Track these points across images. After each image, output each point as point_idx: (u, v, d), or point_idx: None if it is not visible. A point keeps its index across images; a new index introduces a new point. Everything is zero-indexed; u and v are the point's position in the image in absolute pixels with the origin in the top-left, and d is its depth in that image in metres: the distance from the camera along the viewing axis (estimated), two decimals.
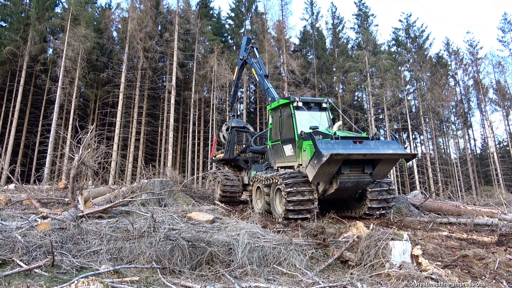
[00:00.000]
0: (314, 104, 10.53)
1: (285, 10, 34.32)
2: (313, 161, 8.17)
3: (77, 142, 9.06)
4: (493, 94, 40.38)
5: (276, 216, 9.14)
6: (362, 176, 8.54)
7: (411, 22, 38.84)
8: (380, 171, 8.59)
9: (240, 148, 14.13)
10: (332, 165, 7.97)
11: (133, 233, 5.70)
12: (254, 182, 10.74)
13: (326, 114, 10.67)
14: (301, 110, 10.05)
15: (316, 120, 10.03)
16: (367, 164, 8.40)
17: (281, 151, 10.31)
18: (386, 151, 8.16)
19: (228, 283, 4.26)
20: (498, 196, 16.16)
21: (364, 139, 8.53)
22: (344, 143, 8.11)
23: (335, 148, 7.78)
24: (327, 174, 8.24)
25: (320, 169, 7.92)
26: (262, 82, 12.78)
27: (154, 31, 31.90)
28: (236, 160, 13.71)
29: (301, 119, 9.89)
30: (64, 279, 4.28)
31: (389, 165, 8.72)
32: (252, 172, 11.81)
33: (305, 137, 9.07)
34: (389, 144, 8.50)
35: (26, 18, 29.98)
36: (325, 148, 7.80)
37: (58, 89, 26.63)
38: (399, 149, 8.43)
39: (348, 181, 8.44)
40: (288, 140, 9.98)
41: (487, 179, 39.54)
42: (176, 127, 33.59)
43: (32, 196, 9.72)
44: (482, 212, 10.03)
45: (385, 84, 31.83)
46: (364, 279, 4.48)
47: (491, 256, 5.25)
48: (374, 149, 8.13)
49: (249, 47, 14.67)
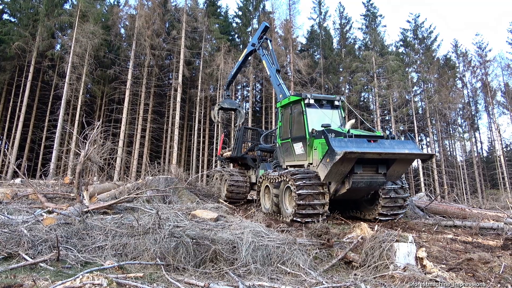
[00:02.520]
0: (326, 101, 10.14)
1: (292, 10, 34.30)
2: (325, 159, 7.88)
3: (83, 138, 9.11)
4: (501, 97, 40.11)
5: (285, 216, 8.83)
6: (375, 177, 8.23)
7: (419, 23, 38.65)
8: (394, 171, 8.29)
9: (248, 146, 13.80)
10: (345, 164, 7.68)
11: (138, 229, 5.73)
12: (263, 180, 10.44)
13: (338, 112, 10.34)
14: (313, 107, 9.73)
15: (328, 118, 9.67)
16: (381, 164, 8.11)
17: (291, 150, 10.04)
18: (401, 150, 7.87)
19: (231, 281, 4.26)
20: (504, 200, 16.03)
21: (379, 138, 8.23)
22: (358, 141, 7.83)
23: (348, 147, 7.50)
24: (340, 173, 7.96)
25: (332, 168, 7.65)
26: (274, 77, 12.50)
27: (162, 28, 31.98)
28: (244, 159, 13.35)
29: (313, 117, 9.56)
30: (69, 274, 4.31)
31: (405, 165, 8.41)
32: (261, 171, 11.52)
33: (317, 135, 8.77)
34: (405, 144, 8.20)
35: (35, 14, 30.18)
36: (338, 146, 7.54)
37: (65, 85, 26.79)
38: (415, 149, 8.13)
39: (361, 181, 8.14)
40: (299, 138, 9.68)
41: (493, 182, 39.24)
42: (182, 125, 33.68)
43: (38, 191, 9.81)
44: (488, 216, 9.96)
45: (392, 85, 31.67)
46: (368, 280, 4.46)
47: (496, 260, 5.21)
48: (389, 148, 7.85)
49: (264, 37, 14.11)
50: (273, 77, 12.73)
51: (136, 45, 29.64)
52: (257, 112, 38.43)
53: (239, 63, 15.51)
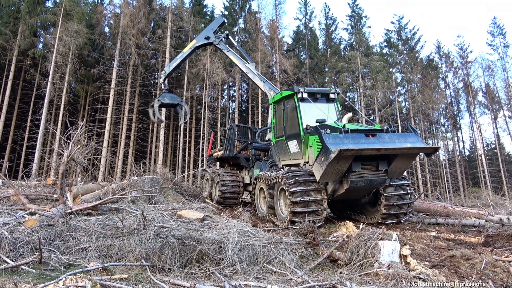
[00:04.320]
0: (321, 95, 9.51)
1: (278, 10, 34.45)
2: (320, 158, 7.28)
3: (66, 138, 8.96)
4: (482, 97, 41.05)
5: (281, 220, 8.25)
6: (376, 174, 7.60)
7: (403, 24, 39.22)
8: (396, 167, 7.65)
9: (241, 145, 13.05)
10: (342, 163, 7.08)
11: (123, 230, 5.67)
12: (257, 182, 9.85)
13: (334, 105, 9.69)
14: (307, 102, 9.14)
15: (324, 112, 9.11)
16: (381, 160, 7.48)
17: (286, 148, 9.46)
18: (403, 144, 7.21)
19: (218, 281, 4.25)
20: (485, 198, 16.38)
21: (378, 131, 7.61)
22: (354, 137, 7.19)
23: (344, 143, 6.91)
24: (336, 172, 7.34)
25: (328, 168, 7.05)
26: (253, 73, 12.21)
27: (147, 27, 31.68)
28: (236, 158, 12.66)
29: (307, 111, 8.98)
30: (52, 276, 4.23)
31: (407, 160, 7.73)
32: (255, 171, 10.98)
33: (311, 132, 8.20)
34: (407, 137, 7.51)
35: (17, 11, 29.52)
36: (333, 143, 6.95)
37: (48, 84, 26.28)
38: (418, 142, 7.45)
39: (360, 180, 7.50)
40: (293, 136, 9.10)
41: (475, 180, 40.09)
42: (168, 125, 33.40)
43: (20, 192, 9.59)
44: (470, 213, 10.16)
45: (377, 85, 32.07)
46: (353, 278, 4.51)
47: (478, 257, 5.32)
48: (390, 143, 7.22)
49: (224, 33, 13.44)
50: (251, 73, 12.37)
51: (121, 44, 29.28)
52: (244, 112, 38.43)
53: (184, 54, 14.19)
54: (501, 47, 38.82)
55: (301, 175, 7.85)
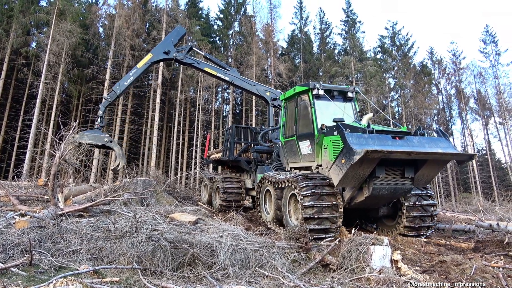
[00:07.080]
0: (338, 93, 8.73)
1: (273, 14, 34.61)
2: (339, 160, 6.48)
3: (58, 139, 8.90)
4: (473, 103, 41.46)
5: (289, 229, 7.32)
6: (401, 181, 6.82)
7: (396, 30, 39.58)
8: (424, 175, 6.91)
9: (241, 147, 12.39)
10: (365, 166, 6.28)
11: (115, 233, 5.64)
12: (263, 185, 9.17)
13: (352, 105, 8.96)
14: (322, 99, 8.38)
15: (341, 111, 8.39)
16: (408, 166, 6.74)
17: (296, 149, 8.68)
18: (435, 149, 6.51)
19: (209, 285, 4.25)
20: (476, 203, 16.54)
21: (406, 134, 6.91)
22: (380, 138, 6.49)
23: (369, 144, 6.19)
24: (358, 177, 6.54)
25: (349, 171, 6.26)
26: (240, 80, 11.82)
27: (142, 29, 31.57)
28: (237, 161, 12.00)
29: (322, 110, 8.25)
30: (42, 279, 4.20)
31: (437, 168, 7.04)
32: (258, 175, 10.37)
33: (327, 132, 7.46)
34: (437, 142, 6.79)
35: (10, 10, 29.27)
36: (357, 143, 6.18)
37: (41, 84, 26.05)
38: (451, 148, 6.74)
39: (383, 187, 6.72)
40: (305, 136, 8.31)
41: (466, 186, 40.43)
42: (161, 126, 33.27)
43: (10, 193, 9.50)
44: (460, 219, 10.26)
45: (370, 90, 32.28)
46: (345, 283, 4.53)
47: (468, 262, 5.37)
48: (420, 147, 6.51)
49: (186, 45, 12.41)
50: (237, 80, 11.94)
51: (115, 45, 29.15)
52: (238, 114, 38.42)
53: (139, 71, 12.83)
54: (493, 55, 39.29)
55: (316, 180, 7.22)
